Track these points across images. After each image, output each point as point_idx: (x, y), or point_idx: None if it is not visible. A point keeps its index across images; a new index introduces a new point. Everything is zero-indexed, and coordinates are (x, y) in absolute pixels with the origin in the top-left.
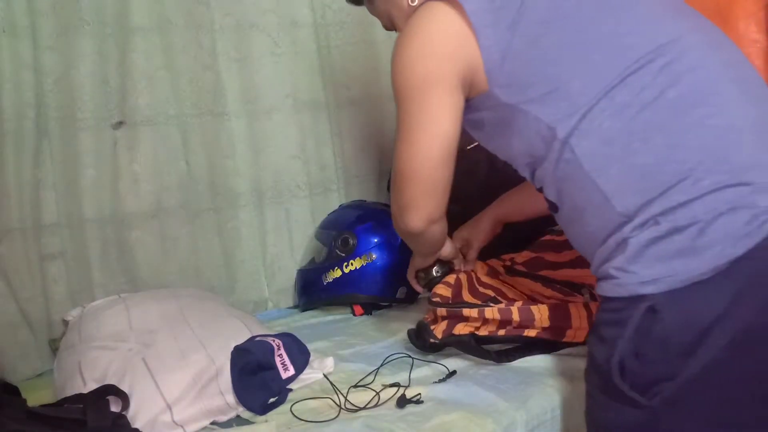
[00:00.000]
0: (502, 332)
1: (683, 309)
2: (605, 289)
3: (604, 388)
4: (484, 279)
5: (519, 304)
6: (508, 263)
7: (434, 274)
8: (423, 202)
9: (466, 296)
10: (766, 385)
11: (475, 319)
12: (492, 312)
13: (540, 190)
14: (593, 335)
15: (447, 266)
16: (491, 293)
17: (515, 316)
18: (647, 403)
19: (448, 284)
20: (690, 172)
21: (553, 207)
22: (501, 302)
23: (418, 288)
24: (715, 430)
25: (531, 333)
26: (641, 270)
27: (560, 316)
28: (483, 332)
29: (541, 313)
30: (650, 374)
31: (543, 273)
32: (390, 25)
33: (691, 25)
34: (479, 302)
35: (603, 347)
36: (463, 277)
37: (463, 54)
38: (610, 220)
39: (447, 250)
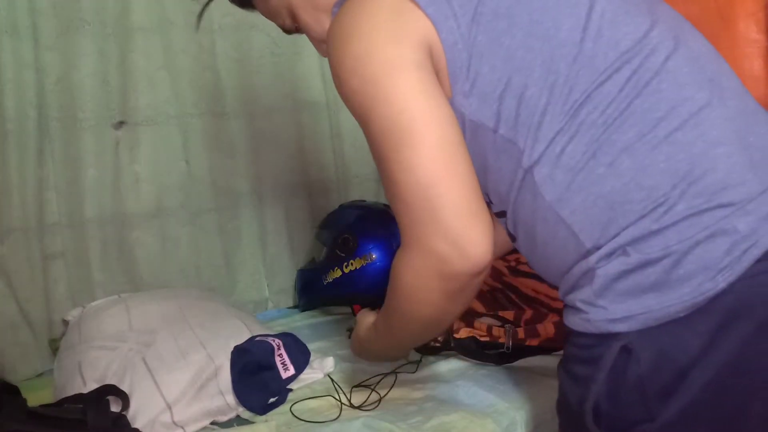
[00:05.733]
0: (503, 340)
1: (659, 349)
2: (573, 322)
3: (576, 430)
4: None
5: (527, 316)
6: (513, 263)
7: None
8: (476, 207)
9: (476, 305)
10: (746, 423)
11: (481, 330)
12: (499, 331)
13: (499, 214)
14: (563, 369)
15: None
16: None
17: (520, 335)
18: None
19: None
20: (663, 198)
21: (511, 237)
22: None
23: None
24: None
25: (533, 342)
26: (611, 305)
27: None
28: (486, 338)
29: (546, 330)
30: (627, 417)
31: None
32: (290, 24)
33: (653, 17)
34: (490, 313)
35: (575, 387)
36: None
37: (426, 45)
38: (577, 252)
39: None
